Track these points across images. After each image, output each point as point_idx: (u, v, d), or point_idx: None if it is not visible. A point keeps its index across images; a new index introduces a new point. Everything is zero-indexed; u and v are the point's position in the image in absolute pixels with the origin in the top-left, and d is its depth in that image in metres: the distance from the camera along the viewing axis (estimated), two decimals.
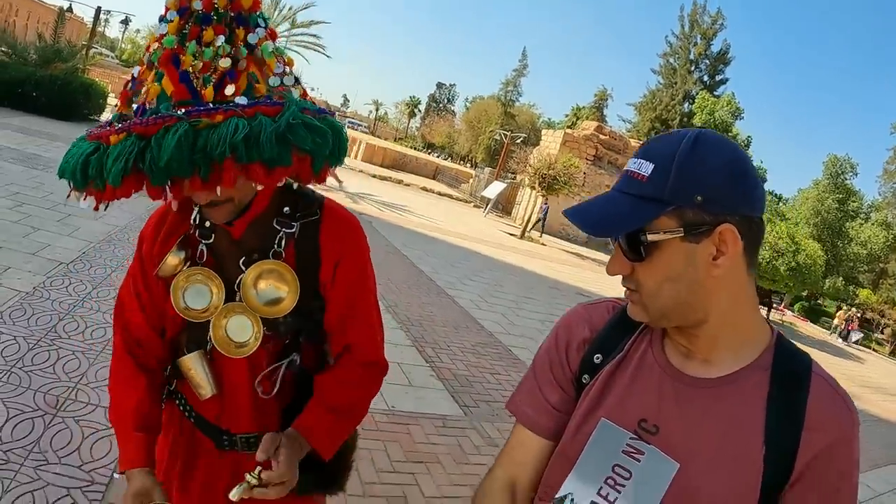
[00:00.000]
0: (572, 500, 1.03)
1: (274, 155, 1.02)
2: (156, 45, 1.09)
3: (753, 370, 0.95)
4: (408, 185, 27.69)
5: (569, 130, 27.23)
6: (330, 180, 1.23)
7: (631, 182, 0.93)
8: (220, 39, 1.08)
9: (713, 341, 0.97)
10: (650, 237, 0.91)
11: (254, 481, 1.18)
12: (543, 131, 30.68)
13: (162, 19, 1.11)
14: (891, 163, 44.69)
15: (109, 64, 34.54)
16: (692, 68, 48.61)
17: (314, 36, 26.28)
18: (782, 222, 24.56)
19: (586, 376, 1.09)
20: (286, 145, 1.04)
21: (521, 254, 16.87)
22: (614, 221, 0.94)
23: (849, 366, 17.61)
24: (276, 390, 1.36)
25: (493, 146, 54.18)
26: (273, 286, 1.29)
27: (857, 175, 44.51)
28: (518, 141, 36.05)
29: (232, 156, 1.00)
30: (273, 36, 1.19)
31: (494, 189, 27.06)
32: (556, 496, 1.05)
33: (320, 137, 1.08)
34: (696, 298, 0.93)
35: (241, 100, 1.06)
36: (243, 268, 1.30)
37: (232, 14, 1.11)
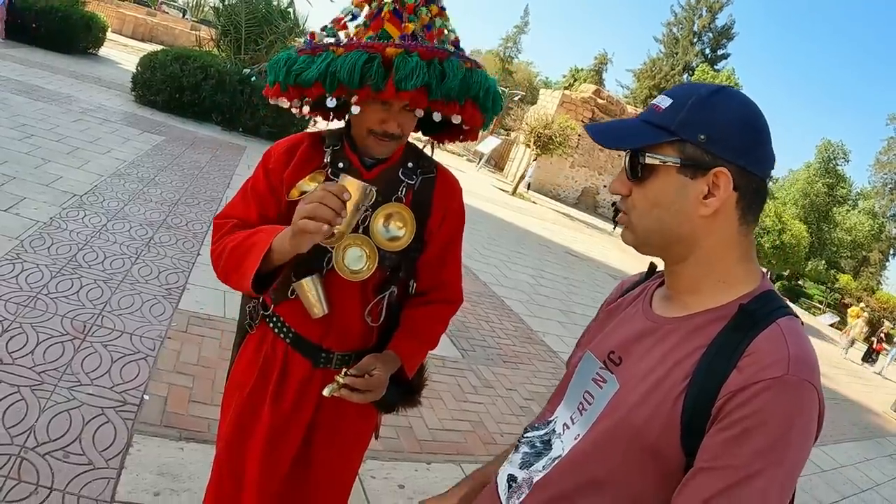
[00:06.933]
0: (555, 422, 1.15)
1: (489, 105, 1.43)
2: None
3: (716, 312, 0.95)
4: None
5: (567, 92, 27.03)
6: None
7: (649, 112, 1.00)
8: (423, 10, 1.40)
9: (692, 282, 1.00)
10: (648, 159, 0.97)
11: (342, 381, 1.42)
12: (541, 90, 30.43)
13: None
14: (884, 153, 44.95)
15: None
16: (695, 40, 48.20)
17: None
18: (770, 201, 24.74)
19: None
20: (496, 101, 1.45)
21: (513, 210, 17.05)
22: (620, 136, 1.03)
23: None
24: (382, 318, 1.61)
25: None
26: (396, 225, 1.53)
27: (848, 162, 44.89)
28: (516, 98, 35.78)
29: (474, 96, 1.38)
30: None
31: (489, 144, 27.02)
32: (548, 419, 1.19)
33: (501, 103, 1.49)
34: (679, 231, 0.97)
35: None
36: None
37: None
